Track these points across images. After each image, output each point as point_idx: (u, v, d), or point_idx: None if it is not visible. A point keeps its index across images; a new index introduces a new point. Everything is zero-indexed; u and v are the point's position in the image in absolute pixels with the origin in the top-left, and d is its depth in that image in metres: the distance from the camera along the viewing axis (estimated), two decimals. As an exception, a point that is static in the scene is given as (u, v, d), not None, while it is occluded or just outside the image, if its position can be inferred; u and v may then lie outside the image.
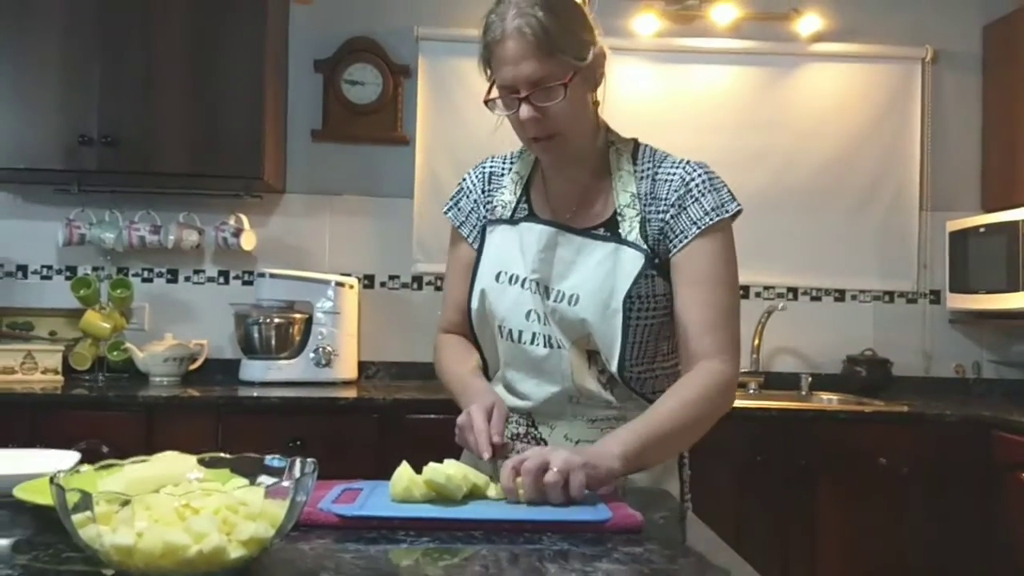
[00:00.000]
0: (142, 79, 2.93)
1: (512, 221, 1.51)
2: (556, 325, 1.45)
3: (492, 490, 1.19)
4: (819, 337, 3.37)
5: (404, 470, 1.18)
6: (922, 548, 2.73)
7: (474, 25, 1.47)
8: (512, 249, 1.49)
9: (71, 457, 1.33)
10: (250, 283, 3.28)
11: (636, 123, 3.28)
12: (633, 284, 1.40)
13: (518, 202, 1.52)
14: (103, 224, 3.15)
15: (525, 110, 1.37)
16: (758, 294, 3.38)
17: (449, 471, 1.16)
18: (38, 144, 2.92)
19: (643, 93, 3.36)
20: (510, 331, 1.48)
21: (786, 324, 3.32)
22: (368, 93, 3.30)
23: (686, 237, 1.41)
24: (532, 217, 1.50)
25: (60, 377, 2.96)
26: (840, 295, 3.40)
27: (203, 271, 3.31)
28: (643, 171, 1.46)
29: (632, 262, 1.41)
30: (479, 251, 1.53)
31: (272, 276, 3.07)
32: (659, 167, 1.46)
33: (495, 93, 1.40)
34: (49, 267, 3.28)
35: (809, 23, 3.35)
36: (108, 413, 2.66)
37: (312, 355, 3.01)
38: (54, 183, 3.16)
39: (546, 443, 1.47)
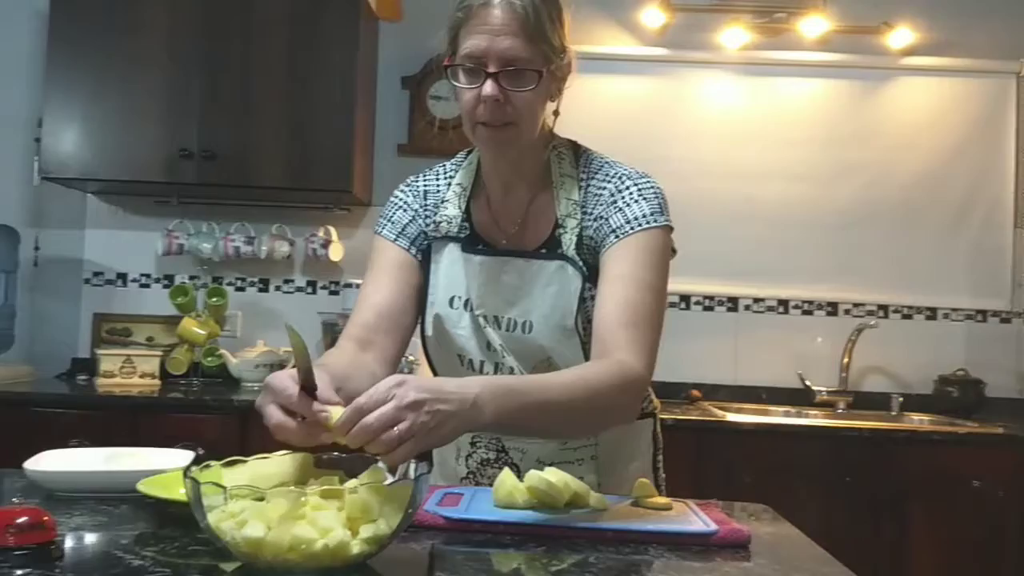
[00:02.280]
0: (241, 97, 3.04)
1: (457, 240, 1.43)
2: (512, 355, 1.39)
3: (593, 499, 1.20)
4: (910, 356, 3.28)
5: (507, 476, 1.20)
6: (1018, 574, 2.64)
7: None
8: (461, 274, 1.41)
9: (186, 456, 1.38)
10: (336, 293, 3.37)
11: (724, 136, 3.34)
12: (579, 308, 1.34)
13: (462, 219, 1.43)
14: (200, 235, 3.26)
15: (490, 87, 1.27)
16: (847, 311, 3.32)
17: (551, 478, 1.17)
18: (141, 158, 3.04)
19: (731, 106, 3.35)
20: (471, 361, 1.42)
21: (876, 342, 3.25)
22: (452, 108, 3.28)
23: (609, 244, 1.33)
24: (472, 244, 1.42)
25: (157, 381, 3.07)
26: (932, 313, 3.31)
27: (292, 280, 3.41)
28: (581, 178, 1.39)
29: (575, 280, 1.35)
30: (427, 272, 1.44)
31: (358, 286, 3.13)
32: (593, 177, 1.39)
33: (458, 61, 1.30)
34: (148, 276, 3.41)
35: (901, 36, 3.29)
36: (204, 416, 2.74)
37: (396, 364, 3.06)
38: (155, 195, 3.30)
39: (519, 468, 1.41)
